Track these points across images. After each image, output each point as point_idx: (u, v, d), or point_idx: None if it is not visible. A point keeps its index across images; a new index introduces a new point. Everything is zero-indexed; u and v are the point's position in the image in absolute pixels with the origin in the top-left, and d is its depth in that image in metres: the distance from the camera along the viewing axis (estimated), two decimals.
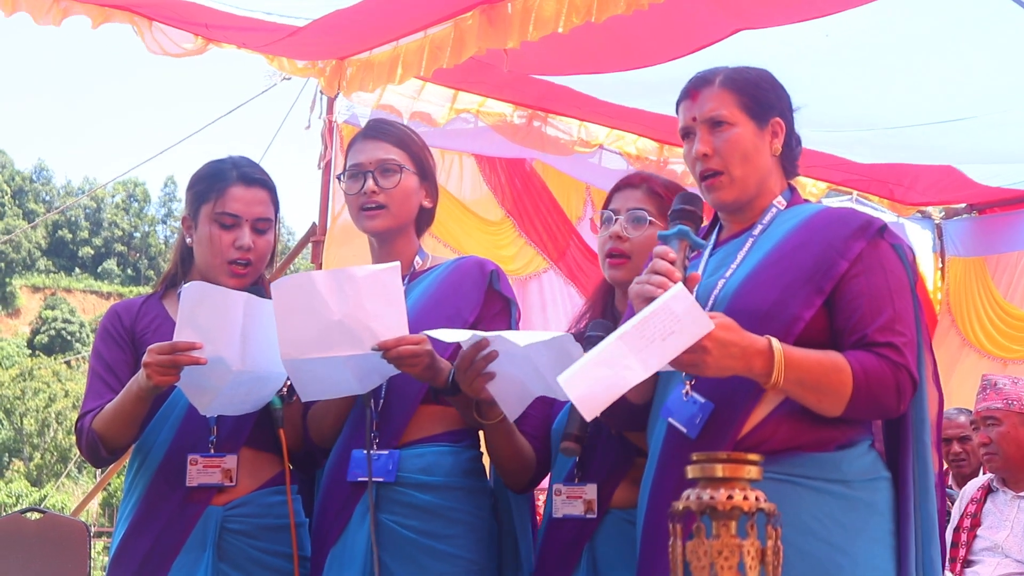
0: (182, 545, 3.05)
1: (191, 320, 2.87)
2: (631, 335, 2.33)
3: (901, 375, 2.52)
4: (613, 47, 5.74)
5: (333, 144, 6.69)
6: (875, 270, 2.59)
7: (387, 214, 3.16)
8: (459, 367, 2.88)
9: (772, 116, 2.74)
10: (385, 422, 3.07)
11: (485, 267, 3.22)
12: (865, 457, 2.60)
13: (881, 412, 2.58)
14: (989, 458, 5.11)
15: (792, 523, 2.44)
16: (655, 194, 3.16)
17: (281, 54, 6.23)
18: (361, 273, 2.87)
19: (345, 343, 2.85)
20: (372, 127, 3.26)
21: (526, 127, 7.07)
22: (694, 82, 2.77)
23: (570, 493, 3.04)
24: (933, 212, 8.86)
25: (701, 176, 2.74)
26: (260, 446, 3.13)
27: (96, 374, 3.18)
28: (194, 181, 3.24)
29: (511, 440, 3.08)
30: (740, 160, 2.70)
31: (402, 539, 3.00)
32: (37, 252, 75.18)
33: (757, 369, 2.43)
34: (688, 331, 2.33)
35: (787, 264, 2.60)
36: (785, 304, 2.55)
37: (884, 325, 2.54)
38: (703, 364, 2.39)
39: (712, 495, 1.92)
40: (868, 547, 2.52)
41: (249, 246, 3.15)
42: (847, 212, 2.76)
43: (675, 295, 2.35)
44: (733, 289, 2.62)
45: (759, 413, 2.55)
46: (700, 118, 2.72)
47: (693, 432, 2.57)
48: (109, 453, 3.11)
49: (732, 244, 2.75)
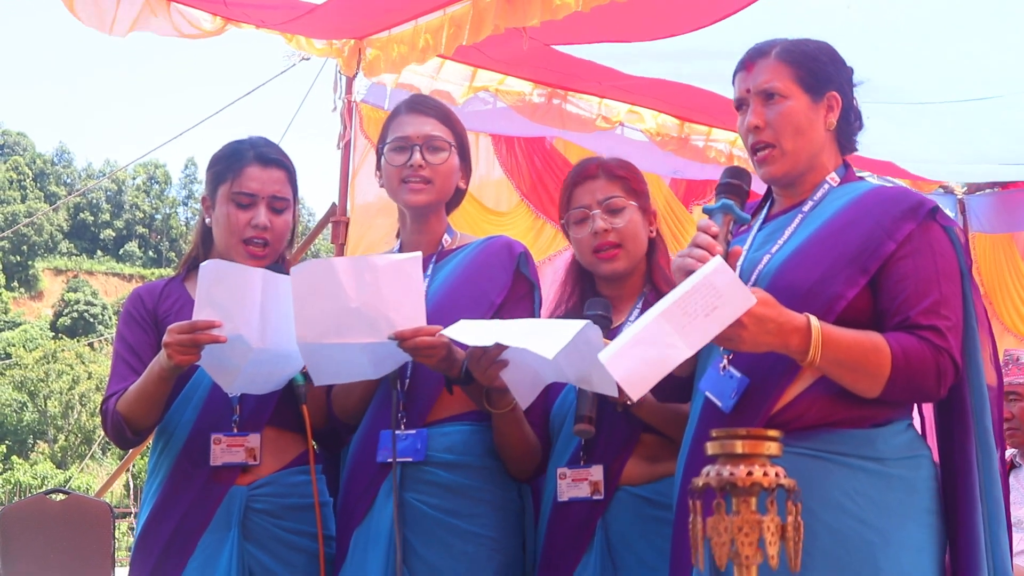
0: (207, 525, 3.06)
1: (209, 299, 2.88)
2: (673, 312, 2.29)
3: (942, 359, 2.49)
4: (636, 17, 5.70)
5: (352, 124, 6.68)
6: (924, 252, 2.56)
7: (431, 189, 3.17)
8: (472, 355, 2.88)
9: (828, 90, 2.70)
10: (412, 402, 3.08)
11: (514, 249, 3.22)
12: (903, 435, 2.57)
13: (920, 395, 2.55)
14: (1011, 433, 5.10)
15: (823, 499, 2.45)
16: (617, 177, 3.16)
17: (300, 33, 6.22)
18: (382, 262, 2.87)
19: (362, 330, 2.85)
20: (417, 100, 3.27)
21: (546, 105, 7.05)
22: (751, 53, 2.75)
23: (575, 476, 3.04)
24: (956, 188, 8.81)
25: (752, 148, 2.72)
26: (284, 425, 3.15)
27: (120, 357, 3.20)
28: (213, 162, 3.26)
29: (520, 428, 3.08)
30: (792, 133, 2.67)
31: (427, 518, 3.01)
32: (59, 235, 75.44)
33: (794, 346, 2.41)
34: (731, 306, 2.31)
35: (834, 242, 2.58)
36: (828, 282, 2.53)
37: (928, 308, 2.51)
38: (739, 339, 2.37)
39: (732, 471, 1.92)
40: (901, 524, 2.50)
41: (265, 225, 3.16)
42: (899, 192, 2.73)
43: (715, 269, 2.32)
44: (778, 265, 2.60)
45: (794, 390, 2.54)
46: (754, 90, 2.70)
47: (727, 406, 2.57)
48: (134, 434, 3.13)
49: (782, 219, 2.73)
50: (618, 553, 2.99)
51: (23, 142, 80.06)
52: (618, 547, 3.00)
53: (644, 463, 3.01)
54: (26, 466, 36.84)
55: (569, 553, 3.03)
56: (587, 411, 2.90)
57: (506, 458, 3.12)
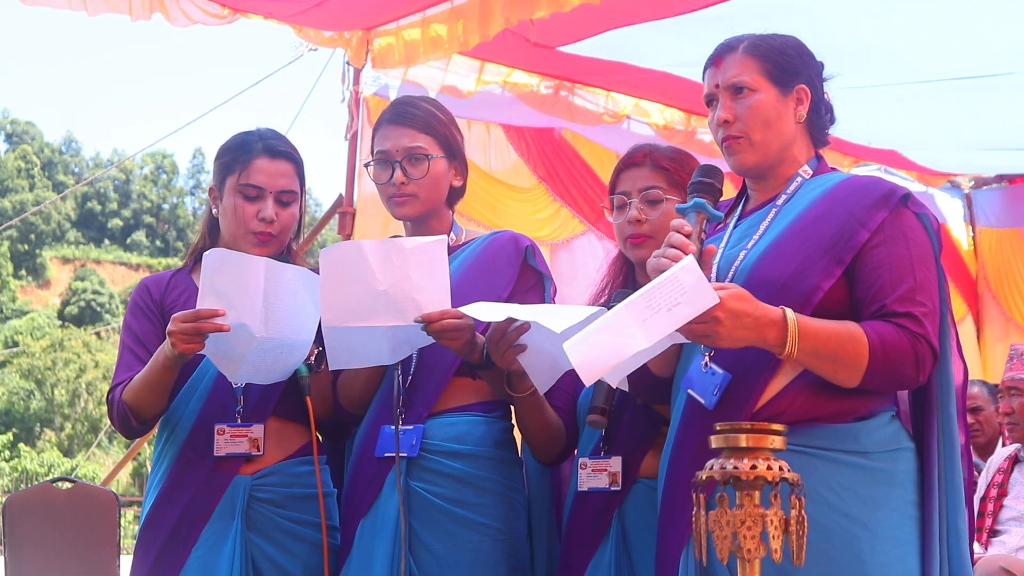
0: (211, 514, 3.08)
1: (213, 287, 2.89)
2: (636, 304, 2.34)
3: (920, 345, 2.50)
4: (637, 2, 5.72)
5: (359, 115, 6.69)
6: (897, 240, 2.57)
7: (416, 202, 3.17)
8: (491, 338, 2.89)
9: (797, 83, 2.72)
10: (414, 395, 3.09)
11: (520, 242, 3.23)
12: (886, 428, 2.58)
13: (899, 383, 2.56)
14: (1012, 428, 5.10)
15: (809, 495, 2.43)
16: (661, 168, 3.15)
17: (308, 24, 6.23)
18: (409, 244, 2.88)
19: (388, 313, 2.86)
20: (397, 111, 3.23)
21: (553, 97, 7.06)
22: (719, 49, 2.77)
23: (595, 466, 3.06)
24: (962, 182, 8.80)
25: (722, 141, 2.74)
26: (288, 416, 3.15)
27: (127, 347, 3.21)
28: (221, 152, 3.26)
29: (541, 413, 3.09)
30: (761, 125, 2.69)
31: (432, 507, 3.02)
32: (67, 224, 75.40)
33: (771, 340, 2.42)
34: (694, 303, 2.33)
35: (808, 235, 2.59)
36: (804, 274, 2.54)
37: (904, 295, 2.52)
38: (715, 335, 2.38)
39: (736, 465, 1.92)
40: (887, 518, 2.51)
41: (272, 218, 3.16)
42: (871, 181, 2.73)
43: (684, 267, 2.35)
44: (754, 260, 2.61)
45: (776, 385, 2.55)
46: (723, 84, 2.71)
47: (710, 403, 2.58)
48: (140, 423, 3.14)
49: (756, 215, 2.74)
50: (633, 544, 3.02)
51: (31, 131, 79.97)
52: (633, 538, 3.02)
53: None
54: (33, 454, 36.82)
55: (586, 542, 3.06)
56: (601, 402, 2.92)
57: (529, 442, 3.15)
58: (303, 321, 2.96)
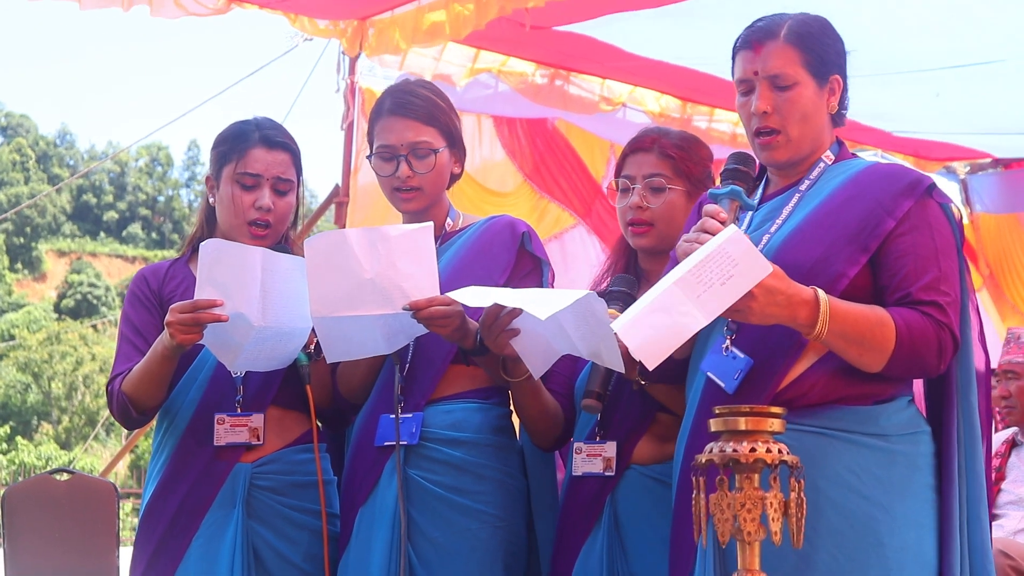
0: (211, 502, 3.08)
1: (210, 278, 2.89)
2: (688, 280, 2.28)
3: (943, 334, 2.50)
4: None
5: (355, 105, 6.68)
6: (922, 229, 2.57)
7: (423, 195, 3.16)
8: (484, 323, 2.89)
9: (832, 73, 2.68)
10: (412, 383, 3.09)
11: (517, 228, 3.22)
12: (904, 411, 2.59)
13: (921, 370, 2.56)
14: (1008, 411, 5.11)
15: (828, 476, 2.46)
16: (668, 156, 3.12)
17: (303, 13, 6.22)
18: (395, 232, 2.88)
19: (376, 302, 2.86)
20: (398, 101, 3.19)
21: (548, 86, 7.05)
22: (757, 33, 2.69)
23: (590, 451, 3.06)
24: (958, 167, 8.80)
25: (756, 132, 2.69)
26: (287, 404, 3.16)
27: (125, 338, 3.21)
28: (218, 142, 3.26)
29: (538, 398, 3.09)
30: (799, 120, 2.65)
31: (431, 495, 3.03)
32: (62, 217, 75.31)
33: (801, 319, 2.41)
34: (747, 274, 2.30)
35: (833, 221, 2.58)
36: (829, 261, 2.54)
37: (929, 284, 2.52)
38: (748, 311, 2.37)
39: (735, 448, 1.93)
40: (905, 501, 2.52)
41: (269, 207, 3.16)
42: (896, 169, 2.73)
43: (730, 238, 2.31)
44: (778, 244, 2.60)
45: (798, 368, 2.54)
46: (763, 73, 2.65)
47: (731, 387, 2.57)
48: (139, 414, 3.14)
49: (778, 199, 2.72)
50: (625, 530, 3.02)
51: (26, 124, 79.79)
52: (626, 524, 3.02)
53: (656, 442, 3.02)
54: (30, 447, 36.82)
55: (579, 526, 3.06)
56: (596, 387, 2.92)
57: (527, 427, 3.15)
58: (301, 309, 2.96)
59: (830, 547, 2.43)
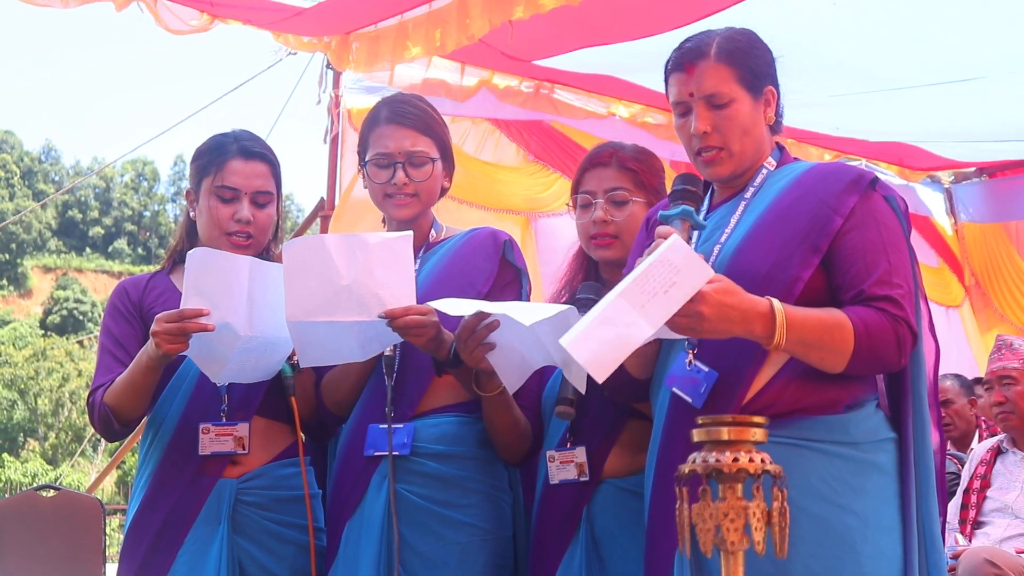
0: (195, 517, 3.07)
1: (197, 287, 2.88)
2: (631, 291, 2.29)
3: (900, 328, 2.52)
4: (617, 17, 5.72)
5: (340, 119, 6.68)
6: (869, 224, 2.59)
7: (417, 203, 3.18)
8: (460, 336, 2.88)
9: (766, 85, 2.71)
10: (399, 396, 3.08)
11: (498, 237, 3.23)
12: (872, 418, 2.60)
13: (882, 366, 2.57)
14: (1004, 417, 5.12)
15: (801, 487, 2.45)
16: (628, 169, 3.15)
17: (287, 30, 6.23)
18: (373, 240, 2.87)
19: (352, 309, 2.85)
20: (395, 110, 3.21)
21: (534, 95, 7.07)
22: (687, 54, 2.70)
23: (563, 458, 3.06)
24: (943, 177, 8.83)
25: (698, 152, 2.71)
26: (272, 415, 3.15)
27: (106, 349, 3.20)
28: (196, 155, 3.26)
29: (509, 412, 3.09)
30: (740, 135, 2.67)
31: (418, 508, 3.02)
32: (48, 232, 75.20)
33: (758, 331, 2.42)
34: (689, 280, 2.30)
35: (782, 224, 2.60)
36: (783, 265, 2.55)
37: (880, 279, 2.54)
38: (700, 328, 2.37)
39: (718, 458, 1.93)
40: (877, 507, 2.53)
41: (248, 219, 3.16)
42: (838, 167, 2.76)
43: (671, 246, 2.32)
44: (730, 253, 2.61)
45: (763, 377, 2.55)
46: (698, 94, 2.67)
47: (699, 402, 2.57)
48: (122, 426, 3.13)
49: (724, 208, 2.74)
50: (603, 546, 3.01)
51: (10, 140, 79.71)
52: (603, 540, 3.02)
53: (629, 452, 3.02)
54: (17, 464, 36.72)
55: (557, 539, 3.05)
56: (569, 394, 2.90)
57: (496, 442, 3.13)
58: None
59: (805, 557, 2.43)
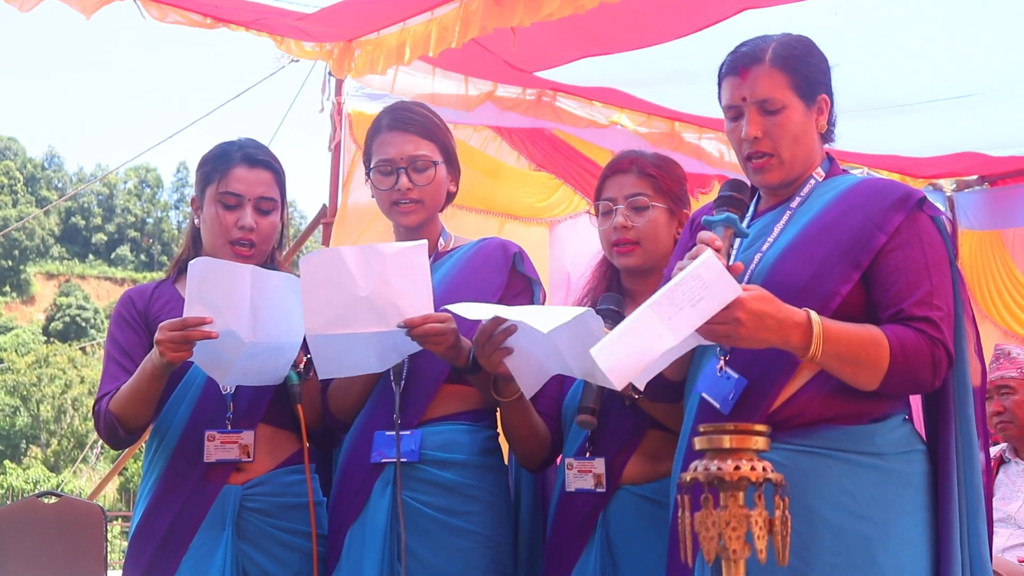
0: (200, 523, 3.08)
1: (199, 295, 2.89)
2: (660, 303, 2.31)
3: (937, 350, 2.50)
4: (617, 27, 5.72)
5: (342, 126, 6.68)
6: (913, 243, 2.57)
7: (422, 208, 3.19)
8: (478, 341, 2.90)
9: (819, 93, 2.69)
10: (407, 402, 3.09)
11: (508, 249, 3.24)
12: (899, 430, 2.58)
13: (916, 387, 2.55)
14: (1003, 427, 5.10)
15: (823, 496, 2.46)
16: (648, 175, 3.16)
17: (289, 36, 6.23)
18: (389, 250, 2.88)
19: (370, 320, 2.86)
20: (396, 117, 3.23)
21: (536, 103, 7.07)
22: (742, 58, 2.68)
23: (581, 467, 3.07)
24: (944, 184, 8.82)
25: (748, 157, 2.69)
26: (277, 423, 3.16)
27: (112, 358, 3.21)
28: (201, 163, 3.27)
29: (527, 418, 3.10)
30: (791, 143, 2.65)
31: (421, 516, 3.03)
32: (51, 239, 75.26)
33: (795, 342, 2.40)
34: (717, 296, 2.31)
35: (825, 238, 2.58)
36: (822, 279, 2.54)
37: (921, 299, 2.52)
38: (737, 336, 2.36)
39: (719, 466, 1.93)
40: (900, 520, 2.51)
41: (251, 226, 3.17)
42: (886, 183, 2.74)
43: (704, 262, 2.33)
44: (770, 263, 2.60)
45: (792, 387, 2.54)
46: (751, 99, 2.65)
47: (726, 408, 2.57)
48: (127, 433, 3.14)
49: (769, 216, 2.72)
50: (618, 551, 3.02)
51: (13, 147, 79.82)
52: (618, 545, 3.03)
53: (647, 461, 3.03)
54: (19, 470, 36.74)
55: (572, 545, 3.07)
56: (590, 403, 2.91)
57: (514, 448, 3.16)
58: (291, 324, 2.97)
59: (825, 566, 2.43)
